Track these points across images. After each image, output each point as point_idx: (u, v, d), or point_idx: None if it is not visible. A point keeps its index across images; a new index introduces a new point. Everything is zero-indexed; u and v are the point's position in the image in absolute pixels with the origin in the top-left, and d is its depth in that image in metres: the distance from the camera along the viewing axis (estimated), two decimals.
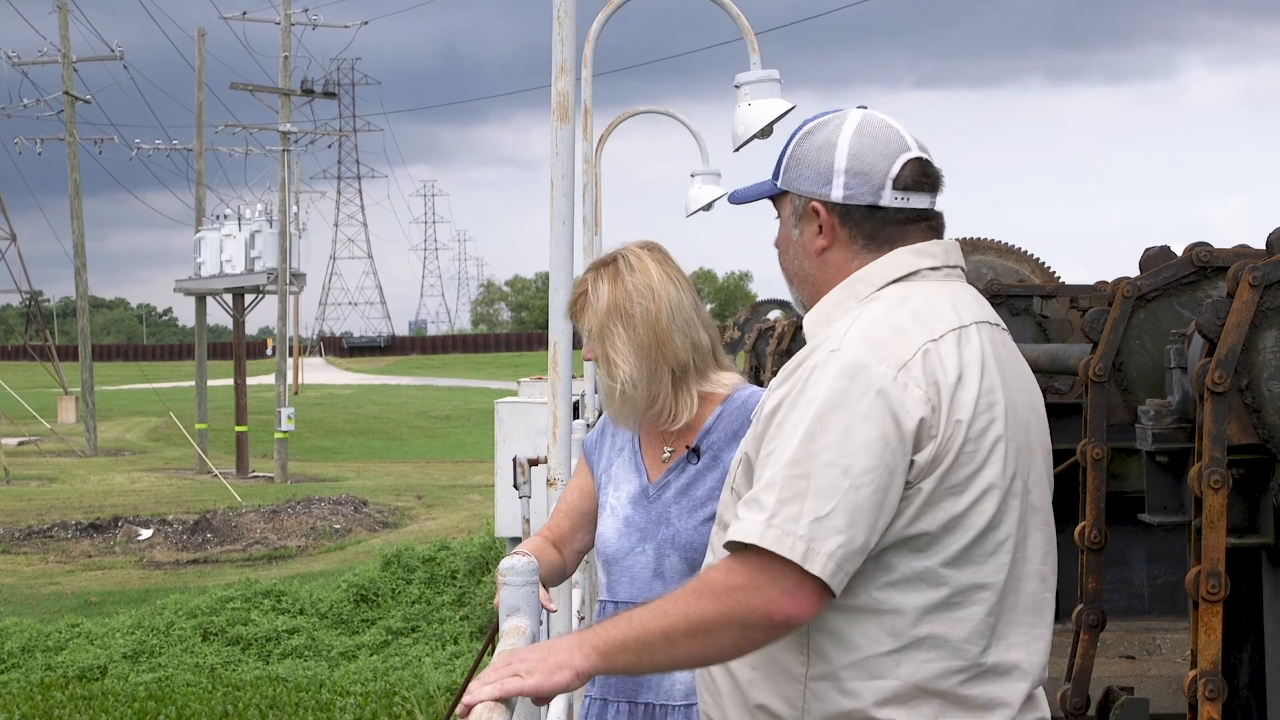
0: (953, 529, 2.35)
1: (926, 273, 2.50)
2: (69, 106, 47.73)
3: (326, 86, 51.54)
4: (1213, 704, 3.90)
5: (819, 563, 2.27)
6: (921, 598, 2.35)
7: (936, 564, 2.35)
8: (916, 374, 2.35)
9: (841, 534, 2.28)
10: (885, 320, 2.41)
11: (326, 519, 29.58)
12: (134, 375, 70.00)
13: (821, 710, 2.38)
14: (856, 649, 2.36)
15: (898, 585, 2.35)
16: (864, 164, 2.50)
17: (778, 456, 2.34)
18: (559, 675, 2.36)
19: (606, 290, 3.46)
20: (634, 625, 2.36)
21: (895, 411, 2.32)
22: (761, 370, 14.73)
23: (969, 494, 2.36)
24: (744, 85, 6.59)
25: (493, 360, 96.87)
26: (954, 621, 2.36)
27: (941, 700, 2.36)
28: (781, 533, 2.28)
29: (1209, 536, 3.92)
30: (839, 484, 2.29)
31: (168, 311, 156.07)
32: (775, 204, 2.62)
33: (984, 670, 2.39)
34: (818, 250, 2.54)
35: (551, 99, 4.38)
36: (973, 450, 2.36)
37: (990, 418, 2.38)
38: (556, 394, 4.44)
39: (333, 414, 56.90)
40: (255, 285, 43.80)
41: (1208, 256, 4.81)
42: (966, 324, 2.45)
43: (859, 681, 2.36)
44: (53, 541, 28.38)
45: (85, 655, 19.70)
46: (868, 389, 2.32)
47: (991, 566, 2.38)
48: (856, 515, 2.29)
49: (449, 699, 15.32)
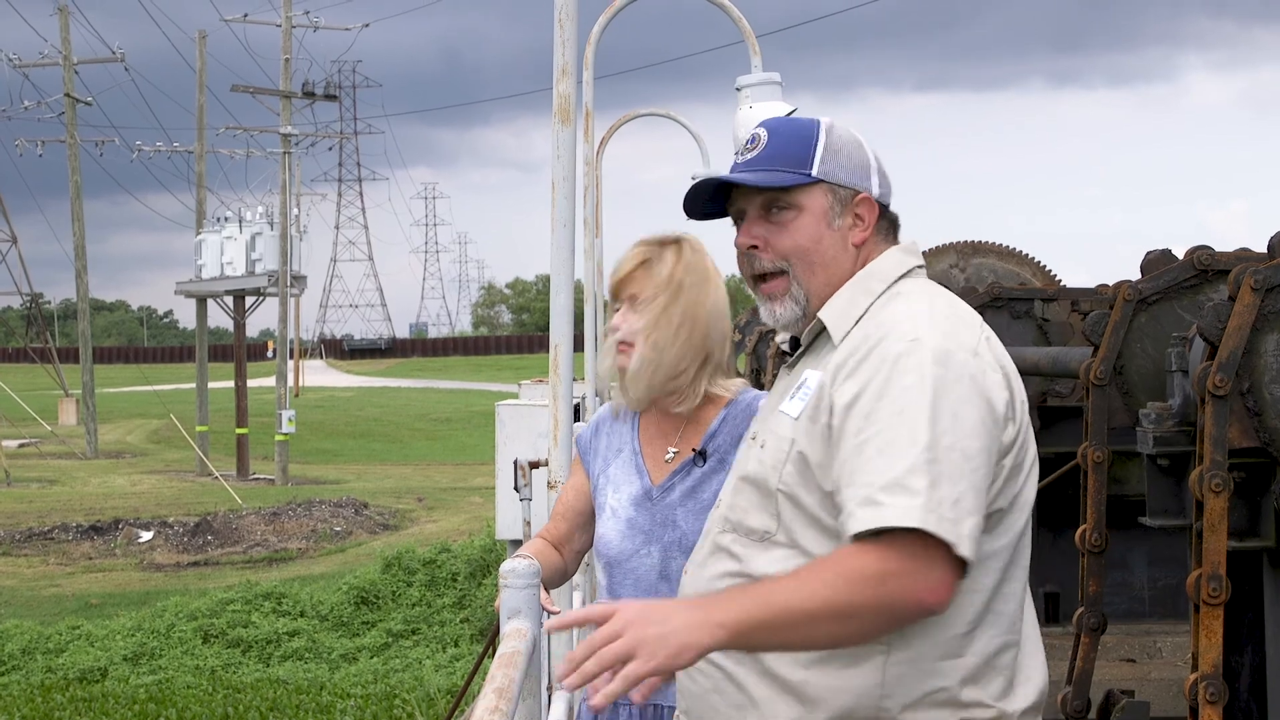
0: (1015, 506, 2.42)
1: (916, 271, 2.58)
2: (70, 108, 47.76)
3: (327, 89, 51.45)
4: (1214, 707, 3.90)
5: (967, 545, 2.28)
6: (989, 578, 2.40)
7: (1001, 544, 2.40)
8: (989, 359, 2.42)
9: (975, 515, 2.30)
10: (938, 310, 2.46)
11: (327, 521, 29.58)
12: (135, 377, 70.02)
13: (906, 694, 2.38)
14: (938, 629, 2.37)
15: (975, 566, 2.35)
16: (884, 166, 2.61)
17: (903, 444, 2.30)
18: (685, 655, 2.22)
19: (671, 262, 3.48)
20: (774, 604, 2.26)
21: (989, 394, 2.37)
22: (762, 373, 14.72)
23: (1023, 471, 2.44)
24: (745, 88, 6.59)
25: (493, 362, 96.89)
26: (1007, 597, 2.42)
27: (1004, 675, 2.42)
28: (939, 516, 2.26)
29: (1210, 540, 3.92)
30: (963, 467, 2.30)
31: (168, 314, 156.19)
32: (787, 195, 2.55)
33: (1019, 641, 2.46)
34: (857, 241, 2.57)
35: (553, 101, 4.38)
36: (1028, 432, 2.46)
37: (1023, 398, 2.47)
38: (557, 396, 4.43)
39: (333, 416, 56.90)
40: (256, 287, 43.80)
41: (1209, 260, 4.81)
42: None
43: (943, 661, 2.38)
44: (53, 544, 28.38)
45: (86, 657, 19.70)
46: (961, 373, 2.36)
47: (1024, 541, 2.46)
48: (979, 496, 2.32)
49: (449, 701, 15.31)
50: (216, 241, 44.80)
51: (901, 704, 2.38)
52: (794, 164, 2.56)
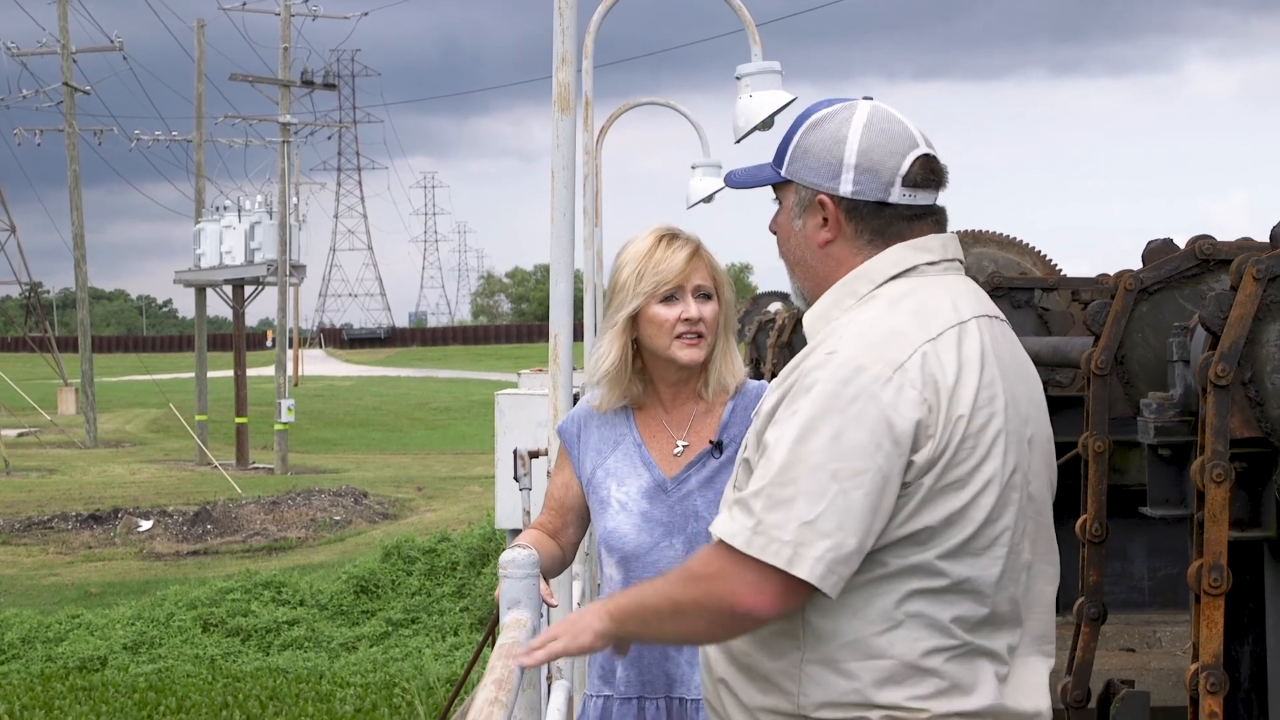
0: (953, 523, 2.36)
1: (924, 268, 2.49)
2: (68, 97, 47.69)
3: (326, 78, 51.43)
4: (1214, 697, 3.89)
5: (806, 567, 2.30)
6: (913, 584, 2.37)
7: (933, 556, 2.36)
8: (913, 375, 2.34)
9: (830, 537, 2.29)
10: (883, 320, 2.41)
11: (326, 510, 29.59)
12: (134, 367, 70.00)
13: (819, 694, 2.40)
14: (850, 631, 2.37)
15: (891, 576, 2.36)
16: (873, 160, 2.49)
17: (769, 460, 2.35)
18: (583, 637, 2.51)
19: (709, 253, 3.54)
20: (638, 598, 2.50)
21: (888, 414, 2.32)
22: (761, 362, 14.72)
23: (970, 488, 2.36)
24: (745, 77, 6.58)
25: (493, 352, 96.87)
26: (943, 605, 2.38)
27: (936, 678, 2.38)
28: (767, 540, 2.32)
29: (1211, 530, 3.91)
30: (828, 488, 2.30)
31: (168, 303, 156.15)
32: (776, 190, 2.61)
33: (972, 650, 2.40)
34: (821, 243, 2.52)
35: (552, 90, 4.37)
36: (973, 445, 2.36)
37: (990, 412, 2.38)
38: (557, 386, 4.42)
39: (333, 405, 56.90)
40: (255, 277, 43.77)
41: (1211, 249, 4.80)
42: (965, 320, 2.44)
43: (855, 662, 2.38)
44: (53, 533, 28.38)
45: (85, 646, 19.71)
46: (860, 392, 2.32)
47: (986, 560, 2.39)
48: (846, 518, 2.30)
49: (449, 690, 15.32)
50: (215, 230, 44.76)
51: (816, 702, 2.40)
52: (777, 160, 2.59)
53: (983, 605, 2.40)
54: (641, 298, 3.47)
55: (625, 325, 3.49)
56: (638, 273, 3.48)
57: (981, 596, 2.39)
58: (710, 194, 11.29)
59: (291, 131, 43.75)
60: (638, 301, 3.47)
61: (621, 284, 3.51)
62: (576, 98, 4.43)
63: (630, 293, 3.48)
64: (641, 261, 3.49)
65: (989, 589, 2.39)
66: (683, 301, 3.46)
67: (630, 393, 3.55)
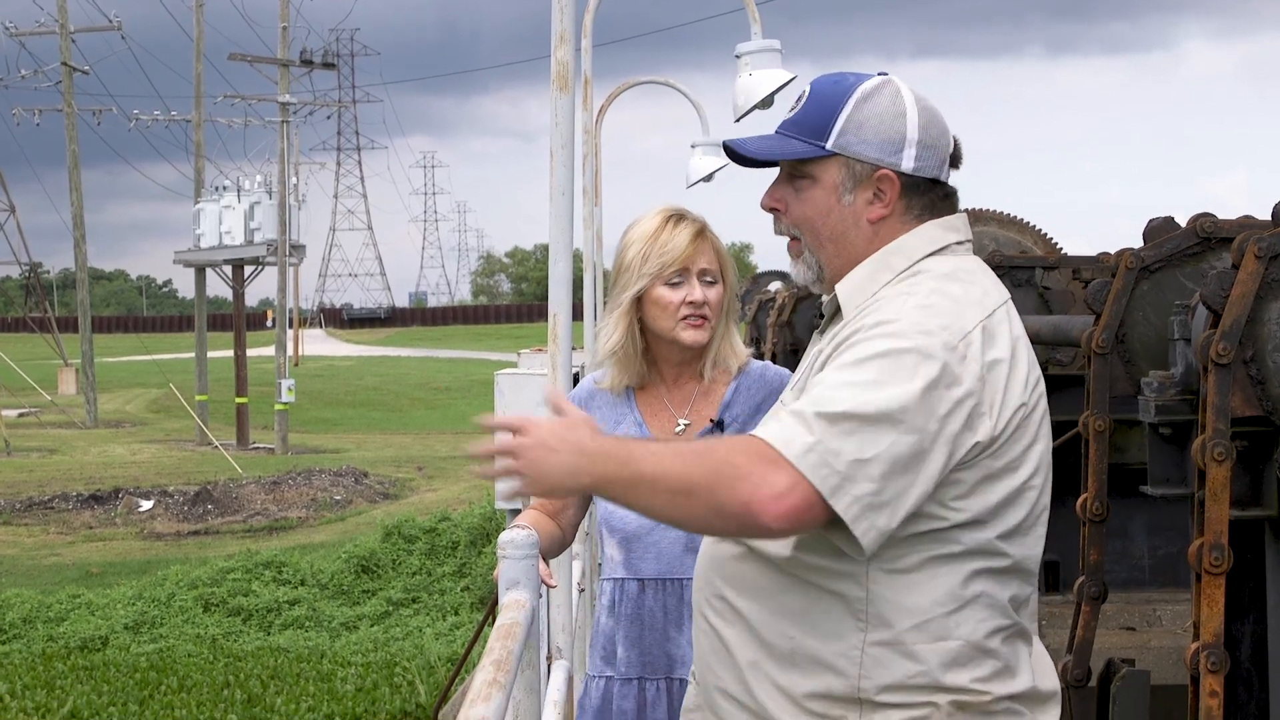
0: (1010, 503, 2.37)
1: (954, 247, 2.50)
2: (67, 77, 47.60)
3: (325, 57, 51.28)
4: (1215, 676, 3.89)
5: (845, 502, 2.26)
6: (976, 564, 2.37)
7: (993, 537, 2.36)
8: (976, 349, 2.34)
9: (874, 483, 2.26)
10: (941, 294, 2.40)
11: (327, 490, 29.60)
12: (134, 347, 69.99)
13: (884, 676, 2.37)
14: (917, 613, 2.35)
15: (957, 556, 2.36)
16: (932, 137, 2.48)
17: (831, 396, 2.30)
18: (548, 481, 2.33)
19: (713, 235, 3.54)
20: (633, 460, 2.30)
21: (951, 385, 2.30)
22: (761, 342, 14.70)
23: (1024, 469, 2.38)
24: (745, 55, 6.55)
25: (493, 331, 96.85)
26: (1002, 584, 2.39)
27: (995, 660, 2.38)
28: (821, 461, 2.25)
29: (1212, 509, 3.91)
30: (884, 437, 2.26)
31: (167, 283, 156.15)
32: (803, 166, 2.52)
33: (1018, 631, 2.43)
34: (873, 218, 2.49)
35: (551, 69, 4.35)
36: (1027, 426, 2.38)
37: (1040, 392, 2.42)
38: (556, 366, 4.40)
39: (333, 385, 56.90)
40: (255, 257, 43.74)
41: (1212, 228, 4.79)
42: (1006, 299, 2.46)
43: (923, 644, 2.36)
44: (53, 513, 28.40)
45: (86, 626, 19.73)
46: (931, 359, 2.30)
47: (1033, 539, 2.42)
48: (892, 471, 2.26)
49: (450, 669, 15.34)
50: (215, 211, 44.72)
51: (879, 685, 2.36)
52: (813, 133, 2.51)
53: (1029, 584, 2.44)
54: (646, 279, 3.46)
55: (630, 306, 3.48)
56: (643, 254, 3.47)
57: (1029, 576, 2.43)
58: (710, 173, 11.26)
59: (291, 111, 43.67)
60: (642, 283, 3.46)
61: (627, 264, 3.50)
62: (575, 76, 4.41)
63: (635, 274, 3.47)
64: (647, 243, 3.47)
65: (1035, 567, 2.43)
66: (688, 284, 3.45)
67: (636, 372, 3.55)
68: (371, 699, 13.90)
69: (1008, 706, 2.40)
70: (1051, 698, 2.48)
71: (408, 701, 13.81)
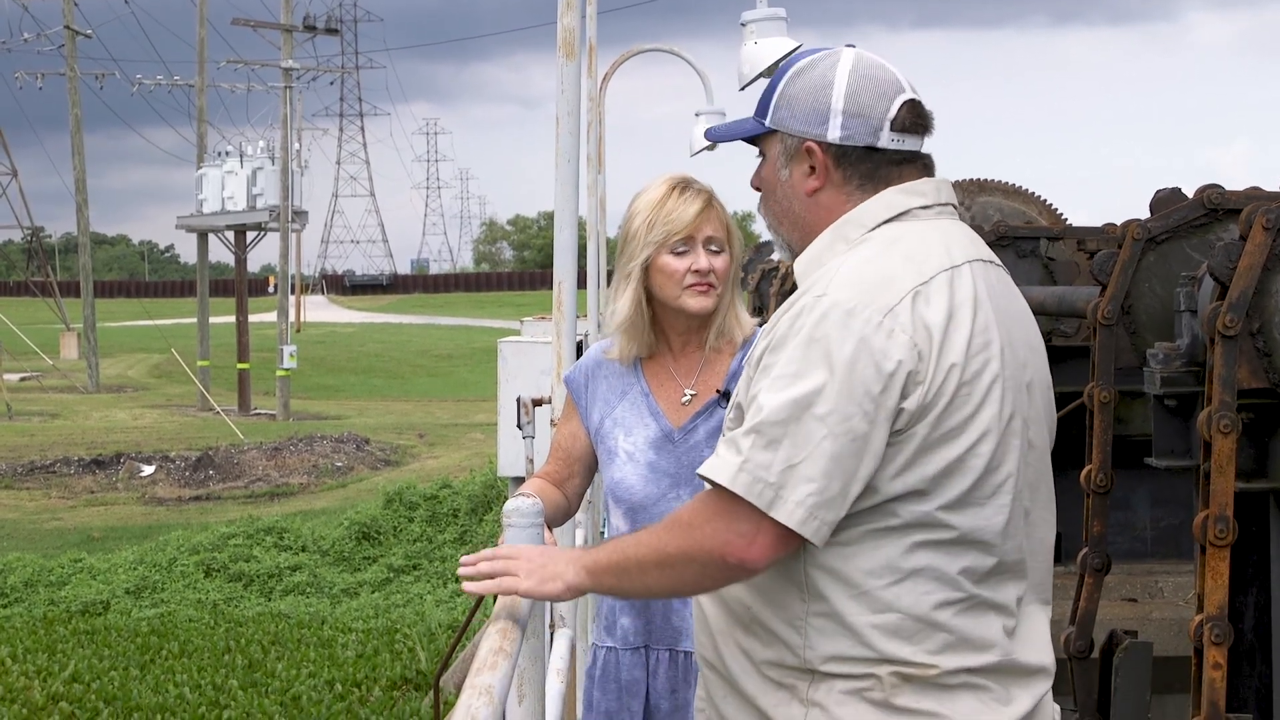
0: (952, 473, 2.33)
1: (918, 211, 2.46)
2: (70, 41, 47.48)
3: (329, 23, 51.19)
4: (1218, 648, 3.89)
5: (786, 510, 2.27)
6: (918, 535, 2.33)
7: (935, 508, 2.32)
8: (904, 319, 2.31)
9: (814, 482, 2.26)
10: (874, 263, 2.38)
11: (328, 457, 29.64)
12: (136, 312, 69.99)
13: (827, 646, 2.36)
14: (855, 584, 2.34)
15: (897, 529, 2.33)
16: (861, 105, 2.46)
17: (759, 403, 2.32)
18: (551, 585, 2.48)
19: (719, 204, 3.52)
20: (619, 551, 2.44)
21: (878, 359, 2.28)
22: (764, 310, 14.70)
23: (966, 437, 2.33)
24: (750, 23, 6.53)
25: (495, 299, 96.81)
26: (950, 556, 2.34)
27: (945, 633, 2.34)
28: (752, 479, 2.28)
29: (1217, 481, 3.90)
30: (815, 432, 2.27)
31: (170, 248, 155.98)
32: (760, 143, 2.58)
33: (980, 603, 2.37)
34: (809, 191, 2.50)
35: (557, 35, 4.33)
36: (968, 393, 2.33)
37: (986, 358, 2.35)
38: (561, 333, 4.40)
39: (335, 352, 56.92)
40: (257, 222, 43.70)
41: (1219, 199, 4.77)
42: (959, 263, 2.41)
43: (862, 616, 2.34)
44: (55, 477, 28.45)
45: (88, 590, 19.78)
46: (850, 335, 2.29)
47: (991, 509, 2.36)
48: (832, 464, 2.27)
49: (450, 636, 15.38)
50: (217, 176, 44.66)
51: (823, 655, 2.37)
52: (760, 111, 2.57)
53: (990, 555, 2.37)
54: (652, 247, 3.45)
55: (639, 276, 3.47)
56: (649, 222, 3.45)
57: (988, 547, 2.36)
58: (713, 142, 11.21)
59: (294, 77, 43.56)
60: (648, 251, 3.45)
61: (633, 233, 3.48)
62: (581, 43, 4.39)
63: (641, 242, 3.46)
64: (653, 211, 3.46)
65: (995, 538, 2.36)
66: (693, 253, 3.44)
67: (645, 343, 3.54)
68: (372, 665, 13.94)
69: (965, 680, 2.36)
70: (1038, 672, 2.44)
71: (408, 668, 13.84)
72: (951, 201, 2.50)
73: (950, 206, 2.50)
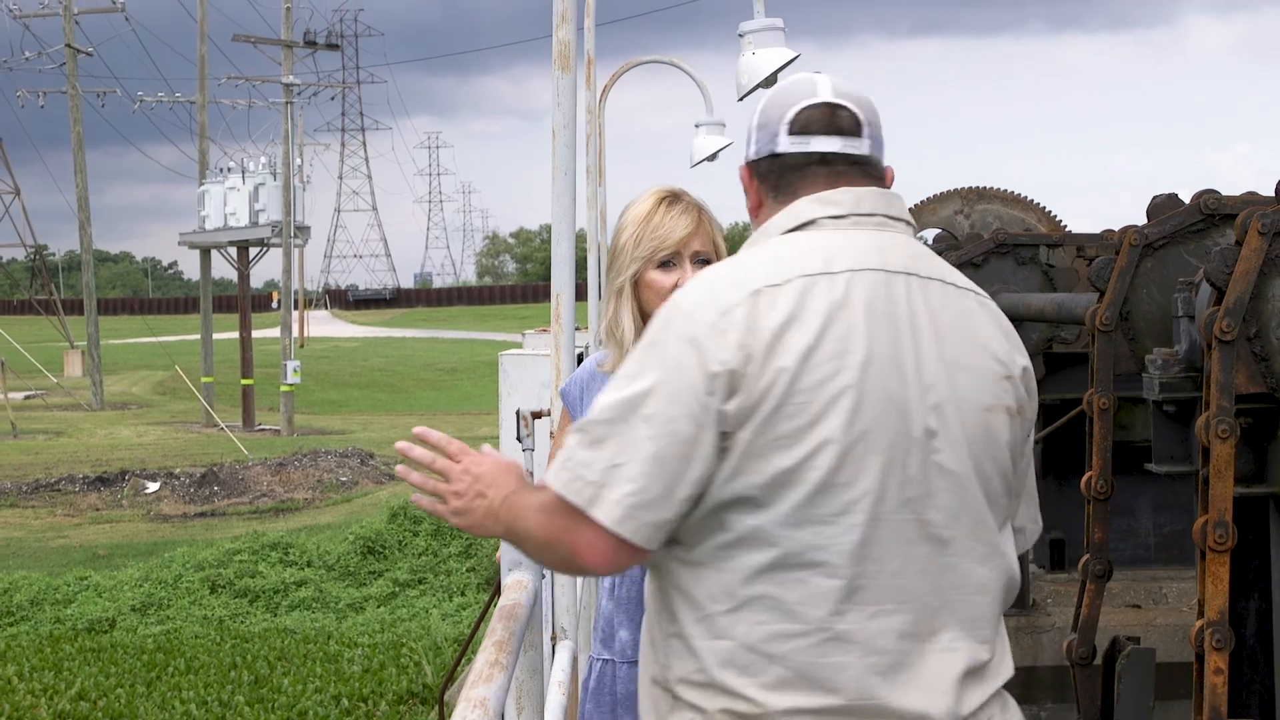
0: (784, 484, 2.23)
1: (826, 221, 2.37)
2: (71, 59, 47.56)
3: (329, 38, 51.29)
4: (1220, 654, 3.89)
5: (604, 508, 2.23)
6: (756, 557, 2.24)
7: (768, 522, 2.23)
8: (738, 319, 2.25)
9: (634, 482, 2.22)
10: (735, 266, 2.36)
11: (333, 471, 29.64)
12: (139, 329, 70.02)
13: (678, 669, 2.32)
14: (699, 607, 2.29)
15: (733, 544, 2.26)
16: (767, 116, 2.45)
17: (596, 401, 2.32)
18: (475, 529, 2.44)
19: (710, 217, 3.52)
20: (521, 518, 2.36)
21: (705, 360, 2.24)
22: None
23: (800, 448, 2.22)
24: (748, 33, 6.54)
25: (498, 312, 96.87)
26: (790, 583, 2.24)
27: (780, 667, 2.24)
28: (572, 476, 2.26)
29: (1216, 486, 3.90)
30: (639, 432, 2.23)
31: (173, 265, 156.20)
32: None
33: (830, 637, 2.24)
34: (751, 211, 2.51)
35: (553, 48, 4.34)
36: (804, 401, 2.23)
37: (836, 367, 2.24)
38: (559, 346, 4.40)
39: (338, 367, 56.95)
40: (260, 238, 43.73)
41: (1216, 204, 4.77)
42: (835, 271, 2.30)
43: (703, 641, 2.28)
44: (60, 495, 28.45)
45: (94, 608, 19.77)
46: (683, 336, 2.27)
47: (838, 529, 2.23)
48: (654, 465, 2.22)
49: (456, 650, 15.37)
50: (220, 192, 44.70)
51: (676, 676, 2.32)
52: None
53: (834, 579, 2.23)
54: (639, 262, 3.45)
55: (629, 290, 3.47)
56: (636, 237, 3.46)
57: (832, 569, 2.23)
58: (714, 152, 11.24)
59: (295, 92, 43.62)
60: (635, 266, 3.45)
61: (621, 248, 3.49)
62: (578, 56, 4.39)
63: (629, 257, 3.46)
64: (640, 225, 3.46)
65: (842, 560, 2.23)
66: (680, 267, 3.44)
67: None
68: (378, 679, 13.94)
69: None
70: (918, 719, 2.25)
71: (414, 682, 13.84)
72: (878, 211, 2.39)
73: (878, 217, 2.38)
